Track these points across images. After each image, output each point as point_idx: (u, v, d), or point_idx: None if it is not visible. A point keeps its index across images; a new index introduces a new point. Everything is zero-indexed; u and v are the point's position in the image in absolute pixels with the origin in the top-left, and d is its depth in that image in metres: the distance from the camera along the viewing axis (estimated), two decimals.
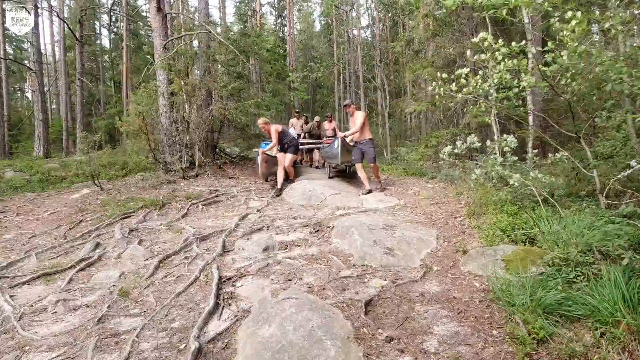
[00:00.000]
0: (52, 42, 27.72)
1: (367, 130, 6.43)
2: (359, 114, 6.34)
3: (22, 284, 3.22)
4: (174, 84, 8.25)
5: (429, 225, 4.39)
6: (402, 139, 18.64)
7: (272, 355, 1.86)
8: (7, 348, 2.23)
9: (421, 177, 8.26)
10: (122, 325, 2.44)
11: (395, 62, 21.15)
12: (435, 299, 2.56)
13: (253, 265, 3.28)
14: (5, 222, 5.47)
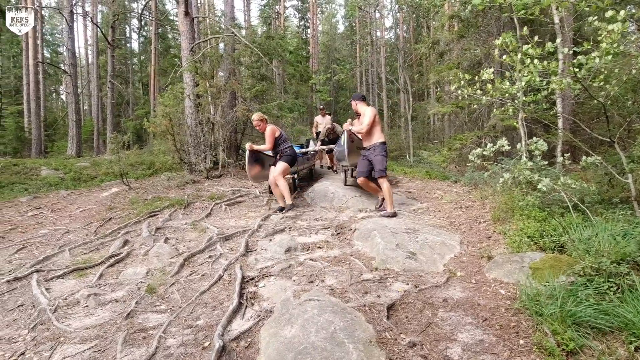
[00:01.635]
0: (86, 46, 28.87)
1: (378, 132, 4.87)
2: (368, 110, 4.83)
3: (56, 278, 3.37)
4: (199, 86, 8.44)
5: (453, 229, 4.31)
6: (424, 141, 18.39)
7: (294, 356, 1.87)
8: (43, 338, 2.34)
9: (444, 181, 8.13)
10: (149, 321, 2.51)
11: (419, 63, 20.91)
12: (459, 305, 2.52)
13: (275, 266, 3.32)
14: (41, 217, 5.73)
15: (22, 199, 7.08)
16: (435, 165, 10.08)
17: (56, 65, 22.46)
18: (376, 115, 4.82)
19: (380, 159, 4.70)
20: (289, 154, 5.52)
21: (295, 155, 5.63)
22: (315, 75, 19.71)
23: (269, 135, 5.41)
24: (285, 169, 5.42)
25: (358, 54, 26.12)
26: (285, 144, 5.55)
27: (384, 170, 4.68)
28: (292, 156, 5.57)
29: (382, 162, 4.69)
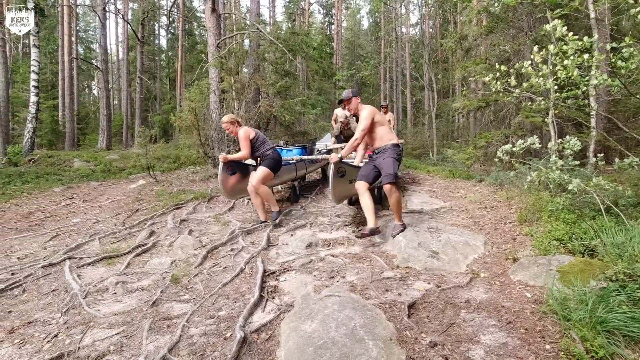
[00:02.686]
0: (117, 43, 29.77)
1: (387, 132, 3.96)
2: (363, 112, 3.87)
3: (87, 265, 3.51)
4: (224, 82, 8.56)
5: (477, 229, 4.22)
6: (448, 140, 18.06)
7: (314, 351, 1.89)
8: (74, 322, 2.45)
9: (468, 180, 7.96)
10: (173, 310, 2.59)
11: (445, 60, 20.49)
12: (482, 306, 2.47)
13: (296, 260, 3.35)
14: (73, 207, 5.98)
15: (56, 189, 7.40)
16: (459, 164, 9.88)
17: (89, 61, 23.31)
18: (375, 114, 3.89)
19: (391, 162, 3.76)
20: (271, 157, 4.61)
21: (279, 158, 4.71)
22: (339, 72, 19.65)
23: (243, 139, 4.45)
24: (266, 175, 4.52)
25: (382, 50, 25.83)
26: (265, 145, 4.67)
27: (393, 175, 3.70)
28: (276, 159, 4.63)
29: (392, 165, 3.75)
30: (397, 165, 3.83)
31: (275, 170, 4.62)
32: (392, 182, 3.69)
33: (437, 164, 11.90)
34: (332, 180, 3.90)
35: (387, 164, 3.78)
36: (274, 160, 4.62)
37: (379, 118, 3.90)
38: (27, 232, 4.76)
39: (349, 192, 4.31)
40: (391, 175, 3.71)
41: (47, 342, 2.22)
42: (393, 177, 3.71)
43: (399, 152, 3.95)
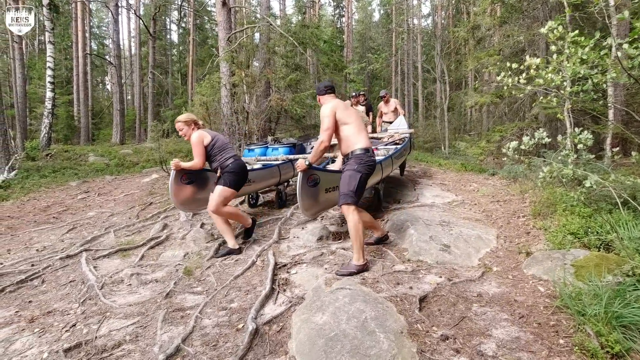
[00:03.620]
0: (129, 38, 30.01)
1: (356, 134, 3.07)
2: (325, 110, 3.07)
3: (103, 257, 3.59)
4: (235, 76, 8.58)
5: (489, 223, 4.18)
6: (461, 133, 17.81)
7: (325, 343, 1.90)
8: (91, 312, 2.51)
9: (481, 174, 7.86)
10: (186, 301, 2.63)
11: (457, 52, 20.16)
12: (495, 300, 2.45)
13: (307, 254, 3.36)
14: (89, 201, 6.10)
15: (72, 183, 7.55)
16: (472, 157, 9.76)
17: (102, 57, 23.58)
18: (337, 110, 3.03)
19: (347, 177, 2.95)
20: (231, 171, 3.61)
21: (240, 170, 3.67)
22: (350, 65, 19.52)
23: (194, 144, 3.61)
24: (226, 197, 3.56)
25: (394, 42, 25.54)
26: (224, 153, 3.67)
27: (350, 194, 2.89)
28: (236, 173, 3.63)
29: (349, 181, 2.93)
30: (357, 180, 2.93)
31: (238, 185, 3.67)
32: (348, 202, 2.89)
33: (448, 157, 11.77)
34: (301, 192, 3.17)
35: (344, 179, 2.96)
36: (234, 174, 3.62)
37: (342, 114, 3.03)
38: (45, 224, 4.88)
39: (328, 203, 3.55)
40: (346, 195, 2.90)
41: (65, 332, 2.29)
42: (350, 197, 2.89)
43: (366, 160, 3.02)
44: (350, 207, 2.90)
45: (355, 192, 2.93)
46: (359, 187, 2.95)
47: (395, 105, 8.28)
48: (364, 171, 3.00)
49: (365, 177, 3.01)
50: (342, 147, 3.14)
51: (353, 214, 2.90)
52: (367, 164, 3.03)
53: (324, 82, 3.32)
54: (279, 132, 10.58)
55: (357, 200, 2.95)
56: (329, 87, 3.25)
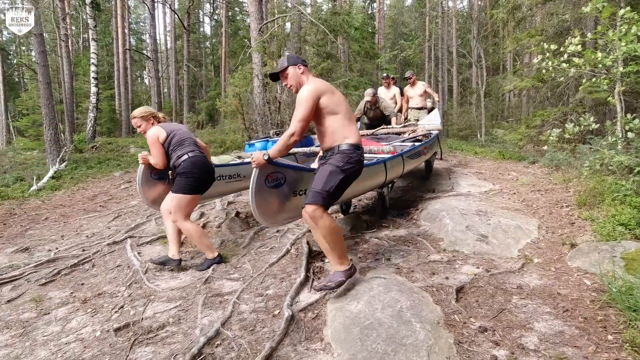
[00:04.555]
0: (165, 32, 30.89)
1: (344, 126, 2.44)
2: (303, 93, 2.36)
3: (145, 244, 3.78)
4: (267, 66, 8.64)
5: (529, 213, 4.01)
6: (498, 119, 17.09)
7: (360, 331, 1.91)
8: (137, 295, 2.66)
9: (520, 162, 7.54)
10: (224, 287, 2.73)
11: (495, 34, 19.23)
12: (536, 293, 2.36)
13: None
14: (131, 190, 6.41)
15: (116, 173, 7.96)
16: (510, 144, 9.35)
17: (140, 51, 24.46)
18: (324, 95, 2.37)
19: (326, 173, 2.32)
20: (182, 171, 2.99)
21: (195, 167, 3.02)
22: (382, 52, 19.13)
23: (151, 144, 3.07)
24: (181, 205, 2.99)
25: (427, 27, 24.71)
26: (177, 150, 3.06)
27: (323, 193, 2.26)
28: (188, 173, 2.99)
29: (325, 178, 2.30)
30: (340, 180, 2.31)
31: (194, 189, 3.02)
32: (317, 202, 2.24)
33: (485, 145, 11.35)
34: (255, 194, 2.42)
35: (322, 174, 2.33)
36: (185, 175, 2.98)
37: (330, 101, 2.37)
38: (93, 212, 5.18)
39: (296, 209, 2.67)
40: (318, 193, 2.26)
41: (114, 312, 2.44)
42: (321, 197, 2.25)
43: (356, 159, 2.40)
44: (319, 209, 2.22)
45: (331, 194, 2.28)
46: (337, 190, 2.31)
47: (424, 88, 7.20)
48: (349, 172, 2.36)
49: (348, 180, 2.38)
50: (325, 141, 2.47)
51: (323, 218, 2.23)
52: (355, 165, 2.39)
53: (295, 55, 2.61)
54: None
55: (329, 204, 2.33)
56: (304, 60, 2.57)
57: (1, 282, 2.95)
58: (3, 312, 2.52)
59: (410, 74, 7.15)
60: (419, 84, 7.20)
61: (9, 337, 2.22)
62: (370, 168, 3.43)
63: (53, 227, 4.65)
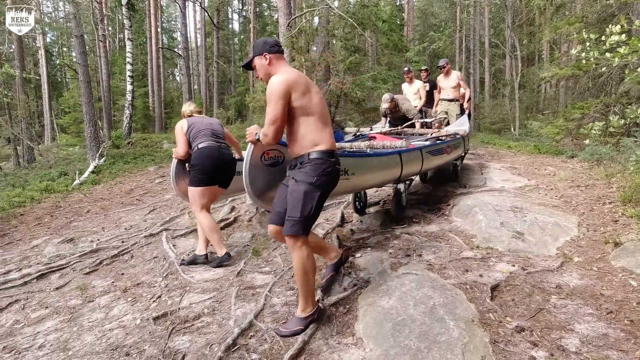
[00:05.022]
0: (195, 30, 31.55)
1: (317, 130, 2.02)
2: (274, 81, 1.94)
3: (179, 236, 3.91)
4: (295, 61, 8.67)
5: (568, 210, 3.84)
6: (533, 112, 16.40)
7: (392, 327, 1.91)
8: (173, 286, 2.76)
9: (557, 156, 7.23)
10: (256, 280, 2.78)
11: (530, 23, 18.39)
12: (576, 293, 2.27)
13: (371, 237, 3.36)
14: (165, 184, 6.63)
15: (150, 168, 8.26)
16: (546, 138, 8.95)
17: (172, 49, 25.15)
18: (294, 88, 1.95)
19: (303, 194, 1.96)
20: (192, 163, 3.07)
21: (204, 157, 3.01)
22: (411, 45, 18.76)
23: (176, 134, 3.20)
24: (194, 197, 3.04)
25: (458, 17, 23.98)
26: (194, 142, 3.09)
27: (300, 221, 1.95)
28: (197, 165, 3.02)
29: (304, 201, 1.96)
30: (317, 200, 1.98)
31: (202, 181, 3.02)
32: (295, 234, 1.97)
33: (519, 139, 10.93)
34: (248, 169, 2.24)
35: (294, 196, 1.98)
36: (194, 167, 3.03)
37: (303, 99, 1.97)
38: (130, 206, 5.41)
39: None
40: (296, 222, 1.95)
41: (153, 302, 2.54)
42: (299, 226, 1.95)
43: (329, 170, 2.02)
44: (298, 240, 1.97)
45: (310, 217, 1.99)
46: (316, 210, 2.01)
47: (458, 80, 6.57)
48: (325, 186, 2.03)
49: (325, 195, 2.07)
50: (293, 147, 2.08)
51: (301, 249, 1.98)
52: (329, 175, 2.03)
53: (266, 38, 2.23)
54: (339, 116, 10.56)
55: (309, 230, 2.04)
56: (278, 45, 2.15)
57: (50, 270, 3.14)
58: (52, 299, 2.69)
59: (444, 62, 6.59)
60: (453, 75, 6.61)
61: (58, 322, 2.37)
62: (383, 158, 3.30)
63: (94, 219, 4.89)
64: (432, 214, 3.96)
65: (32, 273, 3.06)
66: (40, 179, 7.82)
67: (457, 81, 6.53)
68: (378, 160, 3.26)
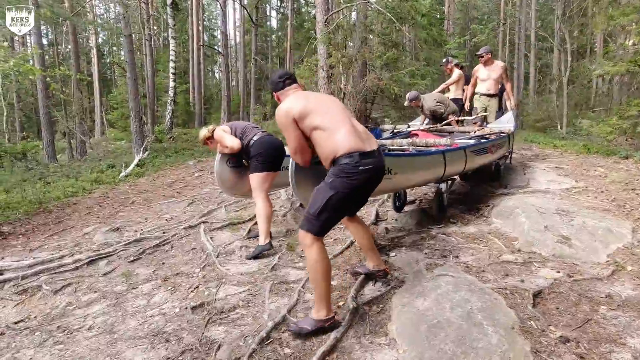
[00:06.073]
0: (234, 28, 32.28)
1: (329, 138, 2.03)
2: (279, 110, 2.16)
3: (216, 229, 4.02)
4: (332, 57, 8.65)
5: (621, 214, 3.59)
6: (583, 109, 15.40)
7: (427, 329, 1.87)
8: (211, 277, 2.85)
9: (609, 156, 6.75)
10: (290, 275, 2.81)
11: (583, 14, 17.25)
12: (629, 304, 2.12)
13: (406, 237, 3.31)
14: (203, 178, 6.86)
15: (190, 162, 8.56)
16: (598, 137, 8.39)
17: (212, 47, 25.86)
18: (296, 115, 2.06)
19: (316, 191, 2.04)
20: (253, 154, 3.26)
21: (265, 147, 3.26)
22: (451, 38, 18.15)
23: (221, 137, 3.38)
24: (261, 182, 3.27)
25: (502, 9, 22.93)
26: (245, 138, 3.32)
27: (310, 218, 2.00)
28: (259, 154, 3.25)
29: (315, 197, 2.01)
30: (329, 199, 1.94)
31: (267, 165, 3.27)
32: (304, 229, 2.01)
33: (566, 137, 10.31)
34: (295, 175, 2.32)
35: (315, 193, 2.03)
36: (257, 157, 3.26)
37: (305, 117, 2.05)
38: (171, 198, 5.64)
39: None
40: (306, 218, 2.02)
41: (191, 292, 2.64)
42: (309, 223, 2.00)
43: (351, 172, 1.96)
44: (307, 237, 1.97)
45: (318, 216, 1.95)
46: (328, 211, 1.96)
47: (501, 72, 5.67)
48: (341, 188, 1.95)
49: (344, 196, 1.97)
50: (324, 162, 2.13)
51: (311, 248, 1.97)
52: (352, 178, 1.96)
53: (277, 72, 2.38)
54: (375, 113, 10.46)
55: (321, 230, 2.01)
56: (285, 78, 2.28)
57: (99, 257, 3.34)
58: (101, 284, 2.86)
59: (485, 50, 5.72)
60: (497, 65, 5.70)
61: (105, 306, 2.52)
62: (427, 158, 3.30)
63: (138, 210, 5.14)
64: (470, 215, 3.83)
65: (82, 259, 3.27)
66: (90, 170, 8.32)
67: (500, 73, 5.68)
68: (421, 159, 3.24)
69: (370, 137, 2.15)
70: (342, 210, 2.08)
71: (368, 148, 2.04)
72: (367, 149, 2.03)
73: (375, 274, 2.51)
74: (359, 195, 2.13)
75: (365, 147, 2.03)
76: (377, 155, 2.08)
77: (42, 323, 2.35)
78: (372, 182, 2.10)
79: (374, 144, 2.13)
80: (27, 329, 2.28)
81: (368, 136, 2.14)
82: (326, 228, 2.06)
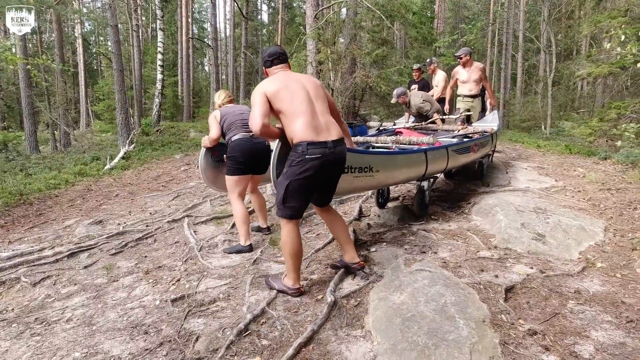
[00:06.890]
0: (224, 21, 31.94)
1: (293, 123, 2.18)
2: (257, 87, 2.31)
3: (200, 223, 4.02)
4: (321, 53, 8.66)
5: (595, 213, 3.71)
6: (567, 110, 15.72)
7: (402, 322, 1.92)
8: (192, 270, 2.87)
9: (589, 157, 6.94)
10: (271, 269, 2.85)
11: (569, 16, 17.54)
12: (596, 299, 2.21)
13: (388, 233, 3.37)
14: (190, 172, 6.82)
15: (176, 156, 8.50)
16: (579, 138, 8.59)
17: (202, 40, 25.55)
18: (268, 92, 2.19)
19: (277, 183, 2.26)
20: (229, 155, 3.19)
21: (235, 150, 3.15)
22: (441, 37, 18.29)
23: (209, 122, 3.38)
24: (230, 186, 3.24)
25: (491, 9, 23.16)
26: (227, 134, 3.23)
27: (279, 206, 2.26)
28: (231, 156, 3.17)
29: (278, 189, 2.24)
30: (286, 188, 2.16)
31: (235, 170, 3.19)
32: (281, 215, 2.27)
33: (550, 138, 10.54)
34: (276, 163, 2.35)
35: (277, 183, 2.26)
36: (230, 159, 3.20)
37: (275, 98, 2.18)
38: (156, 191, 5.60)
39: None
40: (278, 204, 2.25)
41: (172, 284, 2.65)
42: (280, 210, 2.26)
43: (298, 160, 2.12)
44: (282, 220, 2.31)
45: (283, 203, 2.20)
46: (288, 198, 2.18)
47: (479, 73, 5.69)
48: (293, 176, 2.12)
49: (298, 184, 2.14)
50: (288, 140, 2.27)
51: (283, 229, 2.29)
52: (300, 165, 2.10)
53: (269, 48, 2.47)
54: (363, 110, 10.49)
55: (292, 213, 2.23)
56: (274, 58, 2.37)
57: (80, 249, 3.32)
58: (81, 276, 2.85)
59: (463, 52, 5.66)
60: (475, 66, 5.73)
61: (85, 298, 2.51)
62: (409, 156, 3.37)
63: (122, 203, 5.10)
64: (451, 212, 3.92)
65: (63, 251, 3.24)
66: (74, 162, 8.20)
67: (480, 73, 5.72)
68: (403, 157, 3.29)
69: (330, 128, 2.22)
70: (302, 197, 2.23)
71: (321, 139, 2.14)
72: (319, 140, 2.14)
73: (351, 266, 2.57)
74: (313, 182, 2.22)
75: (317, 138, 2.14)
76: (330, 146, 2.16)
77: (20, 315, 2.34)
78: (325, 170, 2.21)
79: (333, 135, 2.21)
80: (4, 321, 2.27)
81: (327, 127, 2.22)
82: (294, 212, 2.25)
